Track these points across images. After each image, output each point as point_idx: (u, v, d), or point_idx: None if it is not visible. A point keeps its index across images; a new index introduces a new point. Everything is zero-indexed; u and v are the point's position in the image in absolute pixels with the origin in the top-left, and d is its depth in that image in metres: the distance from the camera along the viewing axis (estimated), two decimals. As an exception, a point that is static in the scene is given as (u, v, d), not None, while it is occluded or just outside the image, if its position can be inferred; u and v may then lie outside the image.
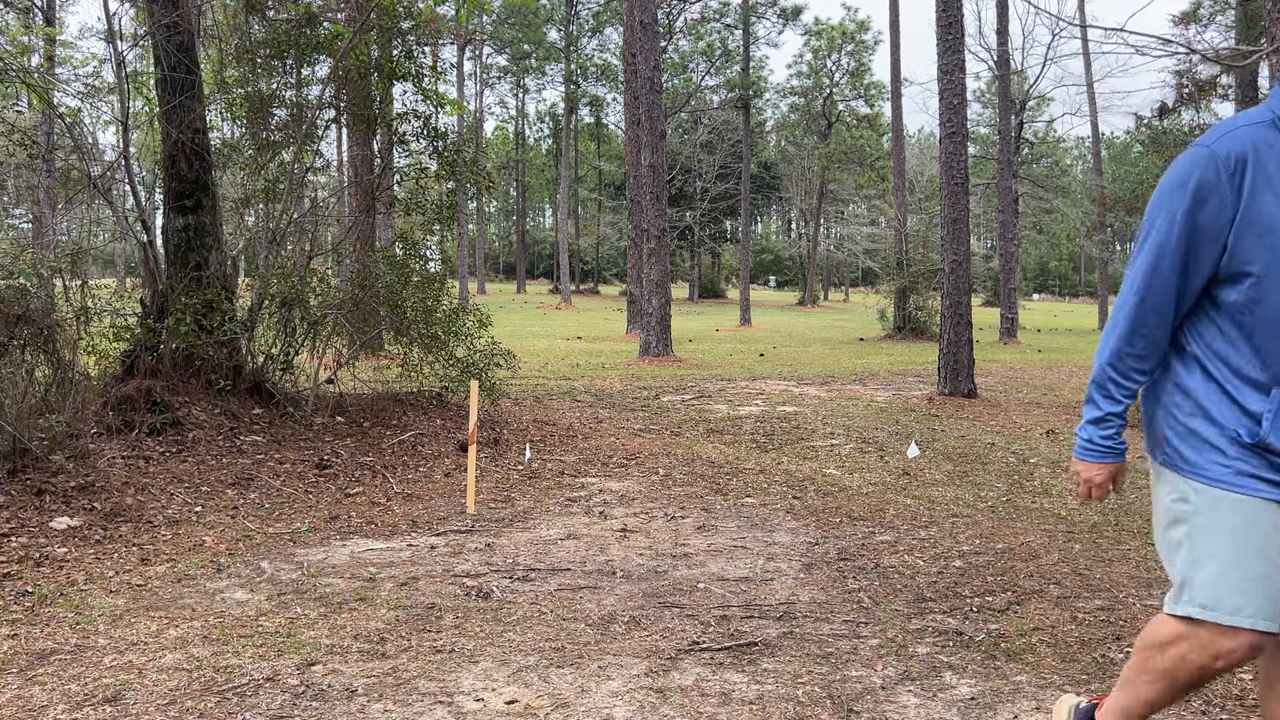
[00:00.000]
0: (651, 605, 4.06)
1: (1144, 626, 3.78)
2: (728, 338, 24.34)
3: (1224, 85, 15.61)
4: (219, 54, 9.27)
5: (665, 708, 3.03)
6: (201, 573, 4.48)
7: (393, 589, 4.26)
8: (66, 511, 5.10)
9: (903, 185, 27.15)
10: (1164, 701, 2.16)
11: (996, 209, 26.07)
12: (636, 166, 18.10)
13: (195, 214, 7.55)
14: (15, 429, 5.31)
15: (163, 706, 3.01)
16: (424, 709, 3.02)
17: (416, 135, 9.29)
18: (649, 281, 16.76)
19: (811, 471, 7.13)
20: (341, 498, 6.10)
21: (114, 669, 3.32)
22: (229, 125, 8.96)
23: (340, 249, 9.50)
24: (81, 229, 15.80)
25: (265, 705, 3.03)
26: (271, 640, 3.60)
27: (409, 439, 7.59)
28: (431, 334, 8.38)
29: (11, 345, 5.73)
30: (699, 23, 41.44)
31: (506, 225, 78.79)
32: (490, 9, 42.47)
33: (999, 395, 12.22)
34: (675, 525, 5.53)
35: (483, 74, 53.00)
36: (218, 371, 7.17)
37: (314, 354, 8.29)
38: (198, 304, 7.12)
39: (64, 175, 14.65)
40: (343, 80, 8.76)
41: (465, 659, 3.44)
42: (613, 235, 57.58)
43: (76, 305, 6.64)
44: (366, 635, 3.66)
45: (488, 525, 5.48)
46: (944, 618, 3.91)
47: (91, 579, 4.33)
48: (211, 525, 5.31)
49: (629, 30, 18.09)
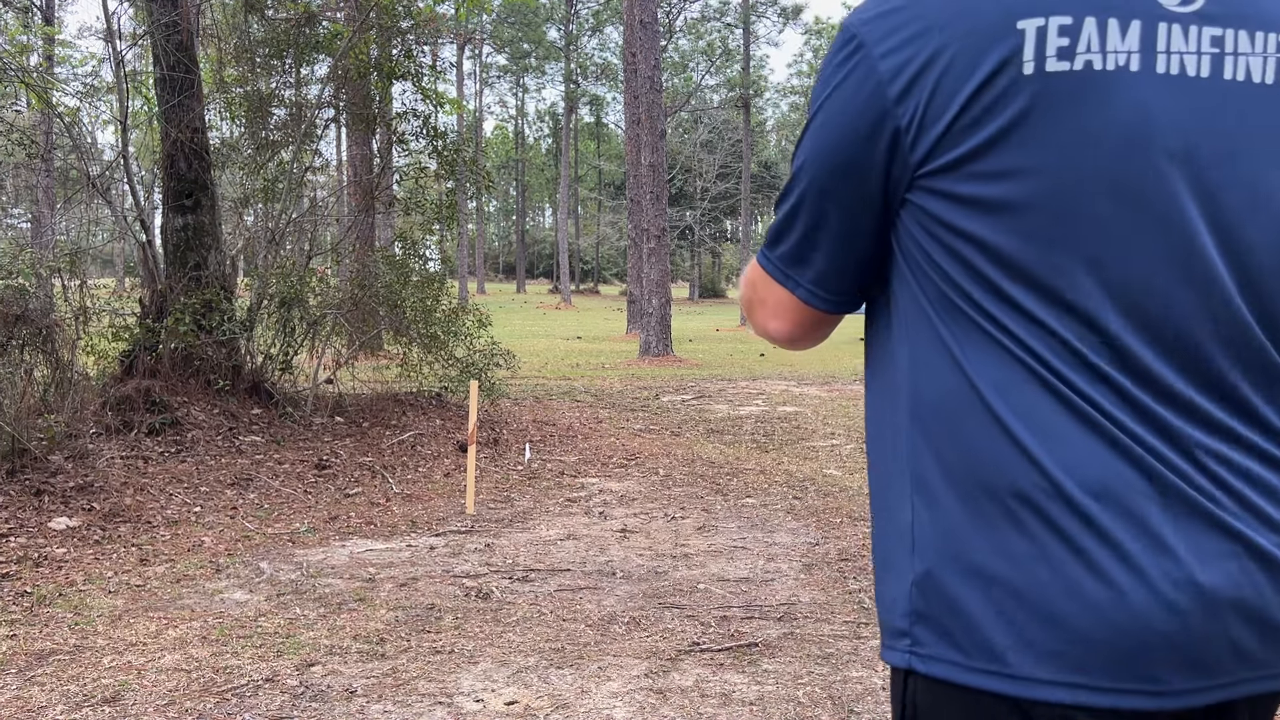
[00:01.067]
0: (652, 606, 4.05)
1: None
2: (728, 338, 24.33)
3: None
4: (218, 53, 9.26)
5: (665, 708, 3.02)
6: (200, 573, 4.47)
7: (392, 589, 4.25)
8: (65, 512, 5.09)
9: (903, 185, 27.10)
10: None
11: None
12: (636, 166, 18.10)
13: (194, 213, 7.54)
14: (14, 429, 5.30)
15: (161, 707, 3.01)
16: (423, 710, 3.01)
17: (416, 134, 9.29)
18: (649, 281, 16.74)
19: (812, 472, 7.12)
20: (341, 498, 6.09)
21: (113, 669, 3.31)
22: (228, 125, 8.96)
23: (339, 249, 9.49)
24: (80, 229, 15.80)
25: (264, 706, 3.02)
26: (270, 641, 3.59)
27: (408, 439, 7.58)
28: (431, 334, 8.37)
29: (10, 345, 5.72)
30: (699, 22, 41.45)
31: (506, 225, 78.81)
32: (490, 8, 42.48)
33: (999, 395, 12.21)
34: (675, 526, 5.52)
35: (482, 73, 53.03)
36: (217, 371, 7.16)
37: (313, 354, 8.28)
38: (197, 304, 7.11)
39: (63, 175, 14.66)
40: (342, 79, 8.75)
41: (465, 660, 3.43)
42: (613, 235, 57.58)
43: (75, 305, 6.63)
44: (366, 636, 3.65)
45: (487, 526, 5.47)
46: (945, 618, 3.90)
47: (90, 579, 4.32)
48: (210, 526, 5.30)
49: (629, 29, 18.10)
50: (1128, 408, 0.88)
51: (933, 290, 0.95)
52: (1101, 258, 0.89)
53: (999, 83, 0.89)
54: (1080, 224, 0.89)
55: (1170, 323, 0.89)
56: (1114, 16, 0.89)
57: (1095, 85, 0.88)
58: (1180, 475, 0.87)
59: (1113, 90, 0.89)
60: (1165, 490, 0.86)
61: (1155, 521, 0.86)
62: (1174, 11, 0.90)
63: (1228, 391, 0.90)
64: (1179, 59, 0.90)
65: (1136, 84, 0.89)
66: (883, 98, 0.93)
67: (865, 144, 0.95)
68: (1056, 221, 0.89)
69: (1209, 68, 0.91)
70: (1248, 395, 0.91)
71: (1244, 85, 0.92)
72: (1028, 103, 0.88)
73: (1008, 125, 0.89)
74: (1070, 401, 0.88)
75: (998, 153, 0.89)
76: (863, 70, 0.94)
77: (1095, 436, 0.87)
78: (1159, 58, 0.90)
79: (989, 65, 0.89)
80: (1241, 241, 0.91)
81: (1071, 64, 0.88)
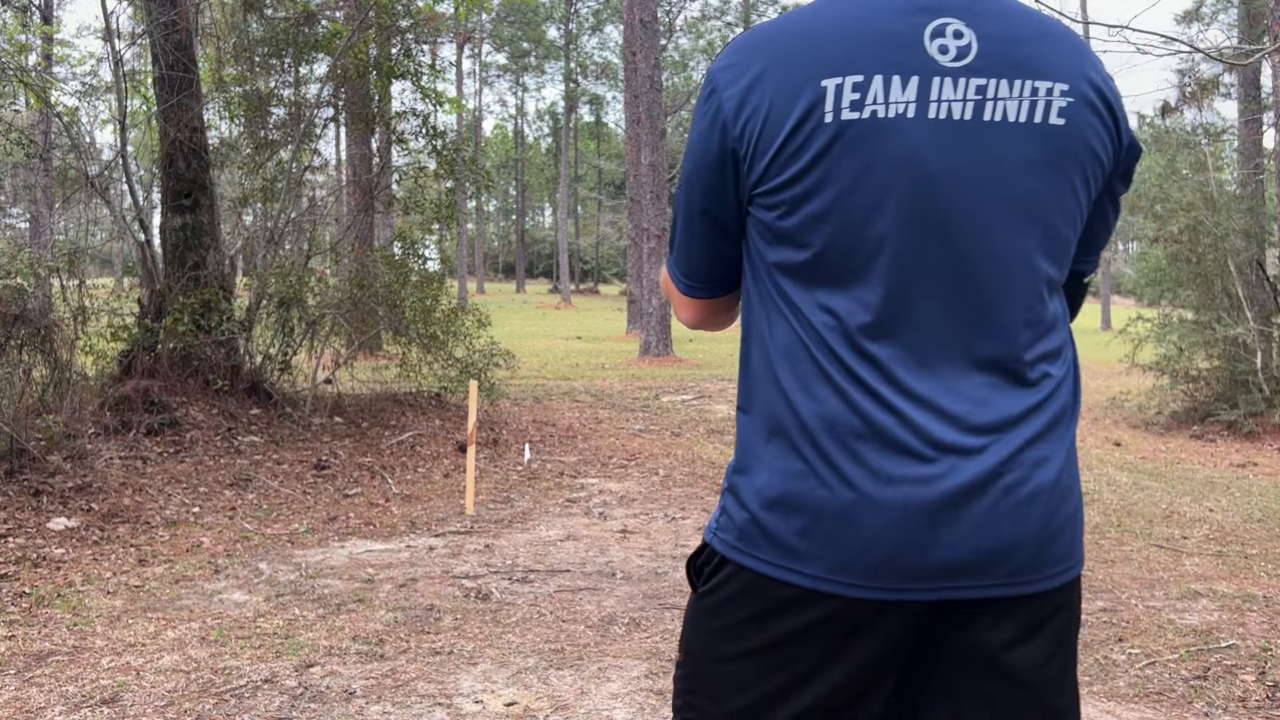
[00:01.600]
0: (652, 607, 4.04)
1: (1146, 628, 3.77)
2: (728, 337, 24.30)
3: (1226, 84, 15.61)
4: (217, 52, 9.24)
5: (665, 710, 3.01)
6: (199, 574, 4.46)
7: (391, 590, 4.23)
8: (64, 512, 5.08)
9: (902, 184, 27.08)
10: None
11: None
12: (636, 165, 18.07)
13: (193, 213, 7.52)
14: (12, 429, 5.28)
15: (160, 708, 2.99)
16: (422, 711, 3.00)
17: (415, 134, 9.27)
18: (649, 281, 16.73)
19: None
20: (340, 498, 6.08)
21: (111, 670, 3.30)
22: (227, 124, 8.93)
23: (338, 248, 9.48)
24: (79, 228, 15.78)
25: (263, 707, 3.00)
26: (269, 642, 3.57)
27: (407, 439, 7.56)
28: (430, 334, 8.36)
29: (9, 345, 5.71)
30: (699, 20, 41.44)
31: (506, 224, 78.76)
32: (489, 7, 42.45)
33: (999, 394, 12.19)
34: (675, 526, 5.51)
35: (482, 72, 52.99)
36: (215, 371, 7.15)
37: (312, 354, 8.27)
38: (195, 304, 7.10)
39: (61, 174, 14.61)
40: (341, 79, 8.74)
41: (464, 660, 3.42)
42: (612, 235, 57.54)
43: (74, 305, 6.62)
44: (365, 637, 3.64)
45: (487, 526, 5.46)
46: (946, 619, 3.89)
47: (89, 580, 4.31)
48: (209, 526, 5.28)
49: (629, 28, 18.07)
50: (853, 375, 1.17)
51: (761, 282, 1.24)
52: (873, 260, 1.16)
53: (807, 127, 1.14)
54: (863, 234, 1.15)
55: (908, 314, 1.16)
56: (897, 74, 1.14)
57: (879, 130, 1.14)
58: (883, 420, 1.15)
59: (891, 133, 1.14)
60: (873, 430, 1.15)
61: (865, 451, 1.15)
62: (947, 67, 1.15)
63: (932, 368, 1.17)
64: (947, 105, 1.15)
65: (911, 127, 1.14)
66: (727, 131, 1.20)
67: (718, 166, 1.22)
68: (845, 232, 1.15)
69: (971, 112, 1.15)
70: (947, 372, 1.17)
71: (1000, 124, 1.16)
72: (827, 143, 1.14)
73: (814, 159, 1.15)
74: (823, 368, 1.18)
75: (806, 179, 1.15)
76: (715, 108, 1.21)
77: (833, 392, 1.17)
78: (931, 105, 1.15)
79: (800, 112, 1.15)
80: (980, 246, 1.16)
81: (861, 114, 1.14)
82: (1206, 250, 10.08)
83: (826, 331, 1.17)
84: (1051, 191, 1.18)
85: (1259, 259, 10.26)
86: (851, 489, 1.14)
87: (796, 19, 1.22)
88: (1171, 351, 10.06)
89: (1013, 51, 1.17)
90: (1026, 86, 1.16)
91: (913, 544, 1.14)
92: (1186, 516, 5.83)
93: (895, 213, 1.14)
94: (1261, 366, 9.46)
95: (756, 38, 1.23)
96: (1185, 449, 8.47)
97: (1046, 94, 1.17)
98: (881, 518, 1.14)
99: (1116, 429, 9.56)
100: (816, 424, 1.16)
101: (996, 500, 1.15)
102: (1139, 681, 3.26)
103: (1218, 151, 14.03)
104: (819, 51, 1.17)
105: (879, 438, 1.15)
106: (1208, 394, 9.92)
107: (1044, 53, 1.19)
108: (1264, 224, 10.34)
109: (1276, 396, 9.21)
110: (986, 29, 1.18)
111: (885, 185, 1.14)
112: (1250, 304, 9.81)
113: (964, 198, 1.15)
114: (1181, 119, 15.34)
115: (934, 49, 1.16)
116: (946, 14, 1.17)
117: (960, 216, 1.15)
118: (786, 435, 1.19)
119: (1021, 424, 1.18)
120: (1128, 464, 7.64)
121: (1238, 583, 4.42)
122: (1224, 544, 5.15)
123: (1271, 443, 8.58)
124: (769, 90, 1.17)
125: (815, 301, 1.19)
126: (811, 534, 1.16)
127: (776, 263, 1.21)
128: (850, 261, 1.16)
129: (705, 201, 1.26)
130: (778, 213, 1.19)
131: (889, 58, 1.15)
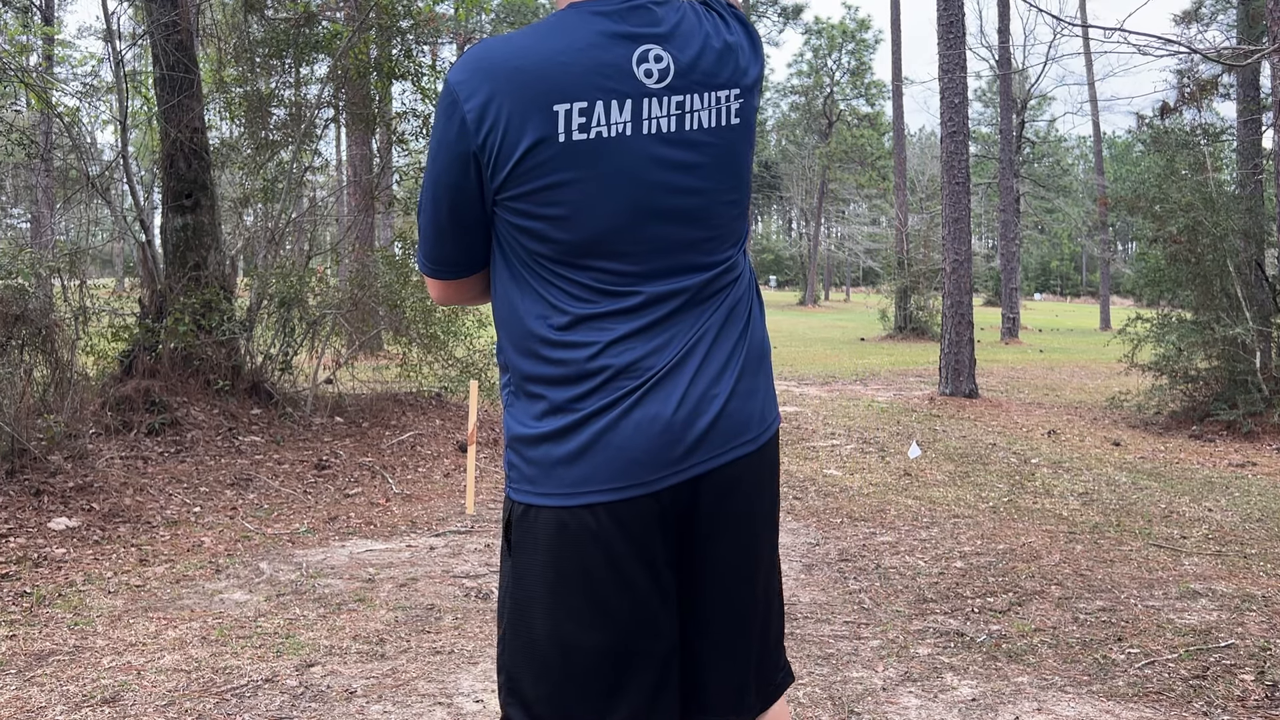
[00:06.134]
0: (651, 606, 4.04)
1: (1145, 627, 3.78)
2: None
3: (1225, 84, 15.60)
4: (217, 53, 9.25)
5: (665, 709, 3.01)
6: (200, 573, 4.46)
7: (392, 590, 4.24)
8: (65, 512, 5.09)
9: (904, 184, 27.11)
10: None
11: (998, 208, 26.05)
12: (636, 166, 18.08)
13: (194, 213, 7.53)
14: (13, 429, 5.29)
15: (161, 708, 3.00)
16: (423, 710, 3.00)
17: (415, 134, 9.28)
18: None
19: (812, 472, 7.12)
20: (340, 498, 6.08)
21: (112, 670, 3.30)
22: (228, 124, 8.95)
23: (339, 248, 9.49)
24: (80, 229, 15.83)
25: (264, 706, 3.01)
26: (270, 641, 3.58)
27: (408, 439, 7.57)
28: (430, 334, 8.37)
29: (10, 345, 5.72)
30: (699, 22, 41.39)
31: (506, 225, 78.77)
32: (489, 8, 42.43)
33: (1000, 395, 12.20)
34: (675, 525, 5.51)
35: (482, 73, 53.03)
36: (216, 371, 7.16)
37: (313, 354, 8.28)
38: (196, 304, 7.11)
39: (62, 175, 14.62)
40: (341, 79, 8.75)
41: (465, 660, 3.42)
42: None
43: (75, 305, 6.63)
44: (365, 636, 3.65)
45: (487, 526, 5.47)
46: (945, 619, 3.90)
47: (90, 580, 4.32)
48: (210, 526, 5.29)
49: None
50: (583, 324, 1.41)
51: (512, 260, 1.46)
52: (602, 244, 1.39)
53: (542, 147, 1.35)
54: (594, 229, 1.38)
55: (625, 275, 1.41)
56: (615, 99, 1.37)
57: (603, 147, 1.37)
58: (610, 368, 1.40)
59: (613, 149, 1.37)
60: (607, 372, 1.39)
61: (610, 389, 1.40)
62: (653, 88, 1.39)
63: (645, 320, 1.42)
64: (656, 121, 1.39)
65: (629, 142, 1.38)
66: (468, 138, 1.38)
67: (461, 168, 1.41)
68: (578, 229, 1.38)
69: (675, 124, 1.41)
70: (656, 320, 1.42)
71: (699, 130, 1.42)
72: (561, 160, 1.36)
73: (550, 173, 1.36)
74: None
75: (545, 190, 1.37)
76: (459, 118, 1.38)
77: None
78: (644, 123, 1.39)
79: (535, 132, 1.35)
80: (683, 223, 1.43)
81: (588, 135, 1.36)
82: (1205, 250, 10.07)
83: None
84: (728, 179, 1.47)
85: (1258, 259, 10.25)
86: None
87: (523, 48, 1.40)
88: (1170, 351, 10.06)
89: (701, 67, 1.42)
90: (711, 97, 1.43)
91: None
92: (1185, 516, 5.84)
93: (624, 212, 1.39)
94: (1260, 366, 9.46)
95: (489, 61, 1.39)
96: (1184, 449, 8.47)
97: (726, 100, 1.44)
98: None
99: (1116, 429, 9.56)
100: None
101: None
102: (1138, 681, 3.27)
103: (1217, 152, 14.01)
104: (547, 82, 1.36)
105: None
106: (1207, 394, 9.91)
107: (725, 65, 1.44)
108: (1263, 224, 10.34)
109: (1275, 396, 9.21)
110: (680, 51, 1.41)
111: (611, 191, 1.38)
112: (1249, 304, 9.81)
113: (678, 195, 1.41)
114: (1180, 120, 15.33)
115: (640, 73, 1.39)
116: (647, 41, 1.40)
117: (674, 211, 1.42)
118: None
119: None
120: (1127, 464, 7.65)
121: (1237, 582, 4.43)
122: (1223, 544, 5.16)
123: (1270, 443, 8.58)
124: (505, 110, 1.36)
125: (550, 275, 1.43)
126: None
127: (525, 247, 1.43)
128: (587, 251, 1.40)
129: (451, 196, 1.44)
130: (519, 216, 1.40)
131: (607, 85, 1.37)
